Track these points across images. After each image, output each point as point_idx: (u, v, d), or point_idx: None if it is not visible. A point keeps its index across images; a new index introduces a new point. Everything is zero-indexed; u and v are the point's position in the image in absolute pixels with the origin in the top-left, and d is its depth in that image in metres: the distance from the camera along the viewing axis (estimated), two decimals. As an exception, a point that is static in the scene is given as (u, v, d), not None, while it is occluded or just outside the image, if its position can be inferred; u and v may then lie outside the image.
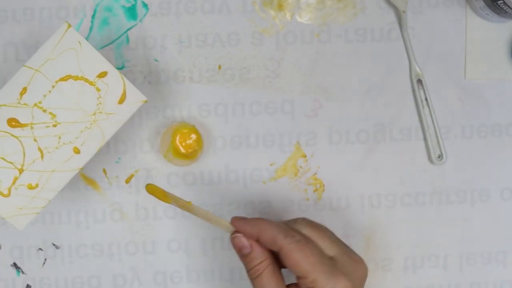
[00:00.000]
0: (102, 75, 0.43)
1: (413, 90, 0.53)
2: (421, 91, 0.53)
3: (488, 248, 0.53)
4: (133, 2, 0.52)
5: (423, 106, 0.53)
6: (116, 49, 0.51)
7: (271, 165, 0.52)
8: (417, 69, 0.53)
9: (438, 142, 0.53)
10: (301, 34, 0.53)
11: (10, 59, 0.51)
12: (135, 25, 0.52)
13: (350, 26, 0.53)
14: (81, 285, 0.51)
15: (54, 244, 0.51)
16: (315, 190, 0.52)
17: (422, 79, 0.53)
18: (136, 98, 0.43)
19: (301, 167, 0.52)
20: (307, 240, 0.41)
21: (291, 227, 0.42)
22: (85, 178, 0.51)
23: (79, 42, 0.42)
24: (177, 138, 0.48)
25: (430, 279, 0.53)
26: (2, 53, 0.51)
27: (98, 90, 0.43)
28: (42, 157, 0.42)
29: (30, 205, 0.42)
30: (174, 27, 0.52)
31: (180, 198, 0.43)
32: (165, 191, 0.42)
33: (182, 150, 0.48)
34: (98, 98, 0.43)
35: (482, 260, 0.53)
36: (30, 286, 0.51)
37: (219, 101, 0.52)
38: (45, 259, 0.51)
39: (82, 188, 0.51)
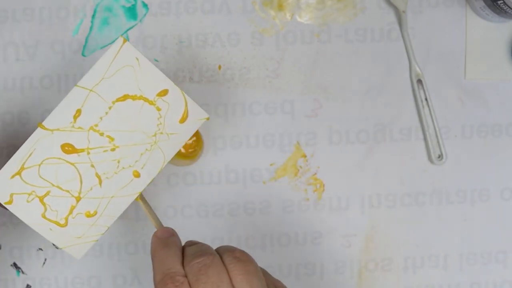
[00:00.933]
0: (163, 93, 0.40)
1: (413, 90, 0.53)
2: (421, 91, 0.53)
3: (488, 248, 0.53)
4: (133, 2, 0.52)
5: (423, 106, 0.53)
6: (116, 49, 0.51)
7: (271, 165, 0.52)
8: (417, 69, 0.53)
9: (438, 142, 0.53)
10: (301, 34, 0.53)
11: (10, 59, 0.51)
12: (135, 25, 0.52)
13: (350, 26, 0.53)
14: (81, 285, 0.51)
15: (54, 244, 0.51)
16: (315, 190, 0.52)
17: (422, 79, 0.53)
18: (197, 115, 0.41)
19: (301, 167, 0.52)
20: None
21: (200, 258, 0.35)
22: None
23: (136, 58, 0.39)
24: (177, 138, 0.48)
25: (430, 279, 0.53)
26: (2, 53, 0.51)
27: (158, 109, 0.40)
28: (100, 183, 0.39)
29: (88, 233, 0.40)
30: (174, 27, 0.52)
31: None
32: None
33: (182, 150, 0.48)
34: (158, 118, 0.40)
35: (482, 260, 0.53)
36: (30, 286, 0.51)
37: (219, 101, 0.52)
38: (45, 259, 0.51)
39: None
